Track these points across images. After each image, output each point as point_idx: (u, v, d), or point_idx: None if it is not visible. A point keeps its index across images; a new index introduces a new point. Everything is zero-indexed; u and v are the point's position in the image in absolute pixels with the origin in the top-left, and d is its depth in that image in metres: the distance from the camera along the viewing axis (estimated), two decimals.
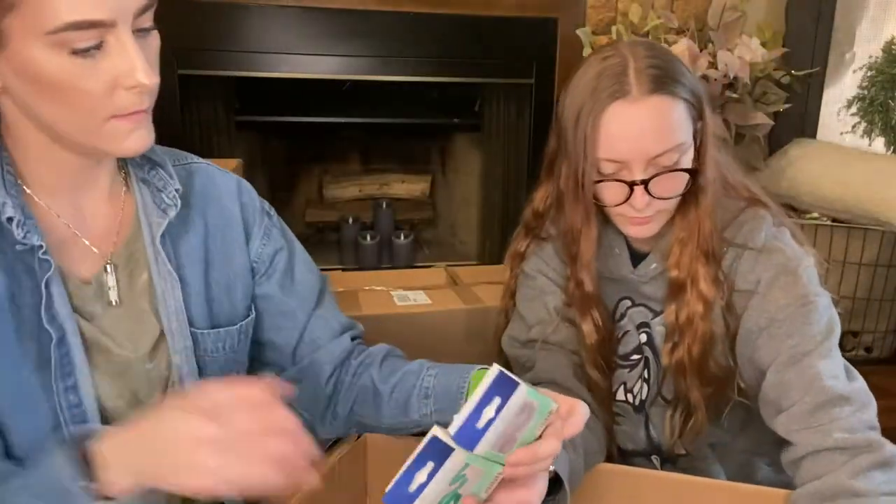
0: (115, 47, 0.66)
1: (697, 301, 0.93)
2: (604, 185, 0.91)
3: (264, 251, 0.90)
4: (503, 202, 2.60)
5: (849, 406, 0.85)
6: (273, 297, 0.91)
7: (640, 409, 1.04)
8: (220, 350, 0.86)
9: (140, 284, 0.80)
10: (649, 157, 0.87)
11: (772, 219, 0.96)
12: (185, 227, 0.83)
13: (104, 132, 0.69)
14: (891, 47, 2.43)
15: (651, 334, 1.01)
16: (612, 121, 0.87)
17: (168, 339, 0.80)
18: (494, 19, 2.28)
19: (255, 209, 0.91)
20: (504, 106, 2.53)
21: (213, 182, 0.88)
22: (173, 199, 0.81)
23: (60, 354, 0.72)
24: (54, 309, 0.72)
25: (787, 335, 0.89)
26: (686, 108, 0.89)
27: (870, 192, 2.17)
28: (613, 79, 0.87)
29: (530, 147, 2.47)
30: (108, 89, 0.67)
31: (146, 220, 0.80)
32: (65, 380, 0.72)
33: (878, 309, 2.38)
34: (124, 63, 0.66)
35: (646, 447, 1.06)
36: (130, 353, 0.78)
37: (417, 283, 1.90)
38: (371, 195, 2.93)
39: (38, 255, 0.70)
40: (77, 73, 0.65)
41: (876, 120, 2.45)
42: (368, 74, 2.27)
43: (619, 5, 2.36)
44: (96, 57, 0.65)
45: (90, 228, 0.78)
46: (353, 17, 2.19)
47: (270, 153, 2.83)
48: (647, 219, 0.92)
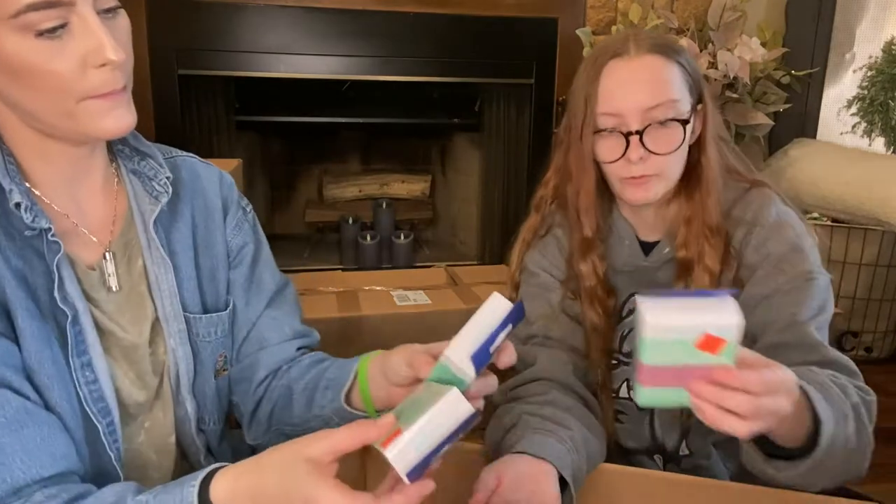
0: (80, 27, 0.67)
1: (703, 274, 0.96)
2: (602, 140, 0.95)
3: (233, 241, 0.93)
4: (503, 202, 2.60)
5: (845, 371, 0.88)
6: (235, 287, 0.93)
7: (643, 408, 1.04)
8: (213, 335, 0.88)
9: (137, 270, 0.82)
10: (644, 108, 0.91)
11: (778, 198, 1.00)
12: (175, 216, 0.86)
13: (81, 113, 0.69)
14: (891, 47, 2.43)
15: None
16: (610, 75, 0.93)
17: (163, 323, 0.83)
18: (494, 19, 2.28)
19: (232, 201, 0.93)
20: (504, 106, 2.53)
21: (197, 174, 0.90)
22: (164, 185, 0.83)
23: (75, 332, 0.74)
24: (66, 289, 0.74)
25: (788, 304, 0.92)
26: (682, 73, 0.94)
27: (870, 192, 2.17)
28: (614, 45, 0.95)
29: (530, 147, 2.47)
30: (78, 69, 0.67)
31: (138, 208, 0.83)
32: (80, 356, 0.74)
33: (878, 309, 2.38)
34: (91, 41, 0.67)
35: (649, 445, 1.06)
36: (136, 338, 0.81)
37: (417, 283, 1.91)
38: (371, 195, 2.93)
39: (48, 238, 0.72)
40: (45, 55, 0.66)
41: (876, 120, 2.46)
42: (368, 74, 2.27)
43: (619, 5, 2.36)
44: (63, 38, 0.66)
45: (89, 219, 0.80)
46: (353, 17, 2.19)
47: (270, 153, 2.83)
48: (645, 179, 0.93)
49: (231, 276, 0.92)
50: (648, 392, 0.68)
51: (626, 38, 0.94)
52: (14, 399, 0.68)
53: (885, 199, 2.14)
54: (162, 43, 2.05)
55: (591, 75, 0.94)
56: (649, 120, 0.91)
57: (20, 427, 0.67)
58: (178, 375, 0.84)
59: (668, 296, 0.69)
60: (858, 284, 2.31)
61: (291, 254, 2.72)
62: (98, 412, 0.75)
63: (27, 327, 0.71)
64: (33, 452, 0.67)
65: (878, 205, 2.16)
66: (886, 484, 1.59)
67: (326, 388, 0.87)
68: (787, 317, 0.91)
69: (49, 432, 0.70)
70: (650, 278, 1.02)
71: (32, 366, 0.71)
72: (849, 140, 2.54)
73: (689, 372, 0.66)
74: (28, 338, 0.71)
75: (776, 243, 0.95)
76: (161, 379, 0.84)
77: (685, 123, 0.93)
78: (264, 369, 0.93)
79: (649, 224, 1.02)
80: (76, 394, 0.74)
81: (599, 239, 1.01)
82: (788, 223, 0.96)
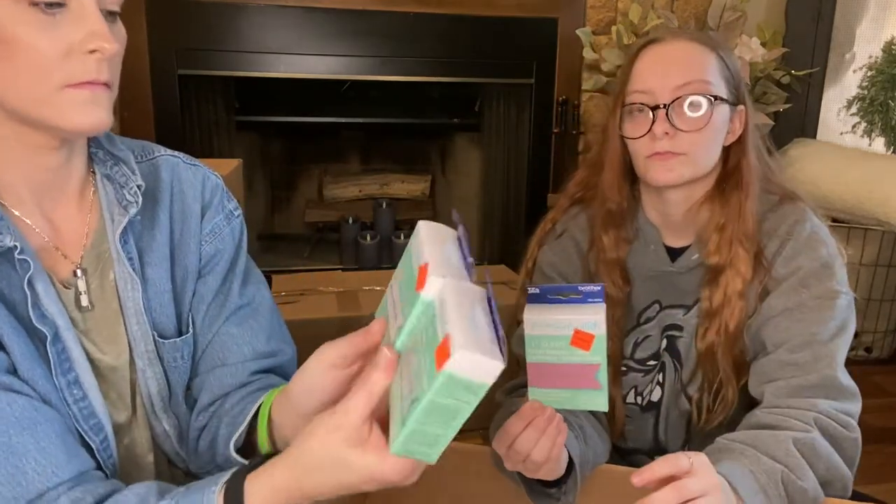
0: (77, 11, 0.64)
1: (735, 278, 0.95)
2: (630, 118, 0.95)
3: (206, 248, 0.84)
4: (503, 202, 2.60)
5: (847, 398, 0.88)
6: (199, 300, 0.84)
7: (648, 408, 1.04)
8: (178, 360, 0.81)
9: (110, 286, 0.77)
10: (674, 84, 0.91)
11: (812, 213, 0.99)
12: (152, 224, 0.80)
13: (56, 102, 0.65)
14: (891, 47, 2.43)
15: (673, 339, 1.01)
16: (644, 58, 0.95)
17: (131, 342, 0.77)
18: (494, 19, 2.28)
19: (214, 206, 0.85)
20: (504, 106, 2.53)
21: (179, 176, 0.84)
22: (134, 195, 0.77)
23: (57, 350, 0.70)
24: (43, 306, 0.69)
25: (809, 321, 0.91)
26: (719, 65, 0.95)
27: (870, 192, 2.17)
28: (653, 34, 0.98)
29: (530, 147, 2.47)
30: (63, 52, 0.64)
31: (109, 217, 0.77)
32: (66, 375, 0.71)
33: (878, 309, 2.38)
34: (85, 26, 0.64)
35: (651, 447, 1.06)
36: (113, 360, 0.76)
37: None
38: (371, 195, 2.93)
39: (16, 256, 0.68)
40: (33, 27, 0.62)
41: (876, 120, 2.46)
42: (368, 74, 2.27)
43: (619, 5, 2.36)
44: (56, 17, 0.63)
45: (61, 235, 0.75)
46: (353, 17, 2.19)
47: (270, 153, 2.83)
48: (668, 156, 0.92)
49: (198, 288, 0.83)
50: (540, 393, 0.75)
51: (667, 29, 0.98)
52: (19, 398, 0.65)
53: (885, 199, 2.14)
54: (162, 43, 2.05)
55: (628, 60, 0.96)
56: (678, 94, 0.91)
57: (33, 424, 0.64)
58: (149, 396, 0.78)
59: (551, 300, 0.74)
60: (858, 284, 2.31)
61: (291, 254, 2.72)
62: (90, 429, 0.72)
63: (14, 344, 0.67)
64: (49, 452, 0.64)
65: (878, 205, 2.16)
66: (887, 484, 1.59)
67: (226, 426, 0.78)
68: (806, 335, 0.90)
69: (62, 429, 0.67)
70: (675, 284, 1.01)
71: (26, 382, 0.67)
72: (849, 140, 2.54)
73: (569, 370, 0.73)
74: (17, 354, 0.67)
75: (807, 258, 0.94)
76: (134, 398, 0.78)
77: (714, 99, 0.92)
78: (208, 394, 0.82)
79: (677, 229, 1.01)
80: (67, 413, 0.70)
81: (622, 220, 1.01)
82: (822, 240, 0.95)
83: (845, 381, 0.89)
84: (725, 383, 0.98)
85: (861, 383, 0.94)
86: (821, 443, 0.83)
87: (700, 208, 0.98)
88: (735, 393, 0.98)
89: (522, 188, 2.51)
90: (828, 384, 0.88)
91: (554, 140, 2.44)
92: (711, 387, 1.00)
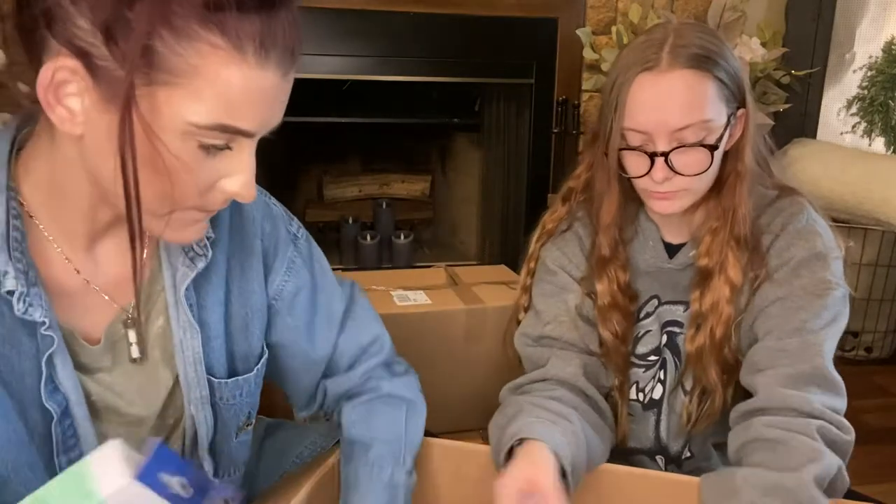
0: (237, 153, 0.63)
1: (724, 285, 0.94)
2: (628, 155, 0.92)
3: (286, 287, 0.83)
4: (503, 202, 2.60)
5: (833, 391, 0.87)
6: (293, 338, 0.85)
7: (649, 406, 1.04)
8: (237, 397, 0.80)
9: (154, 331, 0.73)
10: (672, 129, 0.87)
11: (811, 206, 0.98)
12: (209, 268, 0.75)
13: (173, 219, 0.64)
14: (891, 47, 2.43)
15: (673, 335, 1.01)
16: (638, 90, 0.87)
17: (183, 389, 0.75)
18: (494, 19, 2.28)
19: (278, 237, 0.83)
20: (504, 106, 2.53)
21: (238, 208, 0.80)
22: (204, 248, 0.74)
23: (63, 429, 0.66)
24: (57, 380, 0.66)
25: (799, 308, 0.91)
26: (718, 88, 0.88)
27: (870, 192, 2.17)
28: (648, 51, 0.88)
29: (530, 147, 2.47)
30: (209, 186, 0.63)
31: (168, 262, 0.73)
32: (68, 453, 0.67)
33: (878, 309, 2.38)
34: (237, 169, 0.64)
35: (652, 446, 1.06)
36: (142, 411, 0.73)
37: (417, 283, 1.90)
38: (371, 195, 2.93)
39: (41, 332, 0.64)
40: (195, 163, 0.61)
41: (876, 120, 2.46)
42: (368, 74, 2.27)
43: (619, 5, 2.36)
44: (216, 156, 0.62)
45: (104, 275, 0.71)
46: (353, 17, 2.19)
47: (270, 153, 2.82)
48: (670, 194, 0.91)
49: (283, 326, 0.84)
50: None
51: (661, 45, 0.87)
52: None
53: (885, 199, 2.14)
54: None
55: (621, 85, 0.88)
56: (677, 141, 0.87)
57: None
58: (195, 437, 0.77)
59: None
60: (858, 284, 2.31)
61: None
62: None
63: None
64: None
65: (878, 205, 2.15)
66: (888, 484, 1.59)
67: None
68: (796, 322, 0.90)
69: None
70: (673, 280, 1.01)
71: (4, 475, 0.63)
72: (849, 140, 2.53)
73: None
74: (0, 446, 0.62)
75: (800, 248, 0.93)
76: (167, 441, 0.76)
77: (713, 149, 0.89)
78: (333, 395, 0.91)
79: (675, 226, 1.01)
80: None
81: (618, 253, 1.00)
82: (817, 231, 0.94)
83: (834, 374, 0.89)
84: (712, 391, 0.98)
85: (861, 383, 0.94)
86: (832, 465, 0.81)
87: (696, 210, 0.98)
88: (721, 400, 0.98)
89: (522, 188, 2.51)
90: (818, 374, 0.87)
91: (554, 140, 2.44)
92: (700, 392, 1.00)
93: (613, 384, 1.03)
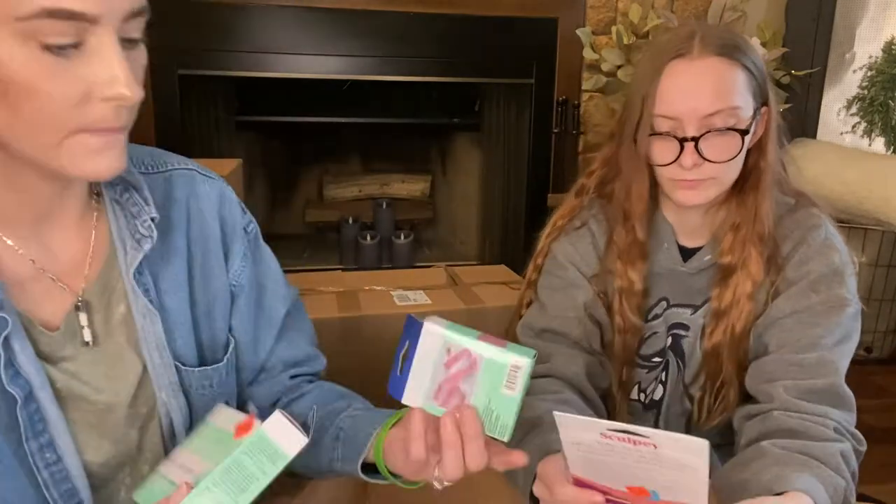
0: (96, 50, 0.57)
1: (746, 280, 0.94)
2: (657, 142, 0.91)
3: (243, 273, 0.82)
4: (503, 202, 2.60)
5: (845, 407, 0.88)
6: (244, 325, 0.83)
7: (649, 407, 1.04)
8: (206, 388, 0.78)
9: (116, 317, 0.71)
10: (702, 114, 0.88)
11: (828, 220, 0.99)
12: (167, 250, 0.74)
13: (67, 148, 0.59)
14: (891, 47, 2.43)
15: (678, 337, 1.01)
16: (670, 76, 0.89)
17: (151, 374, 0.72)
18: (494, 19, 2.28)
19: (235, 223, 0.81)
20: (504, 106, 2.53)
21: (195, 192, 0.78)
22: (148, 229, 0.71)
23: (29, 413, 0.64)
24: (17, 364, 0.63)
25: (816, 325, 0.91)
26: (747, 78, 0.90)
27: (870, 192, 2.17)
28: (678, 41, 0.90)
29: (530, 146, 2.47)
30: (80, 98, 0.57)
31: (122, 246, 0.71)
32: (38, 438, 0.65)
33: (878, 309, 2.38)
34: (105, 70, 0.57)
35: None
36: (111, 398, 0.70)
37: (417, 283, 1.90)
38: (371, 195, 2.93)
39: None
40: (46, 72, 0.55)
41: (876, 120, 2.46)
42: (368, 74, 2.27)
43: (619, 5, 2.36)
44: (72, 58, 0.56)
45: (58, 262, 0.69)
46: (353, 17, 2.19)
47: (270, 153, 2.83)
48: (696, 183, 0.91)
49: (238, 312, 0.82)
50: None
51: (692, 35, 0.89)
52: None
53: (885, 199, 2.14)
54: (162, 43, 2.04)
55: (652, 73, 0.90)
56: (707, 127, 0.88)
57: None
58: (171, 426, 0.75)
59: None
60: (858, 284, 2.31)
61: (291, 254, 2.71)
62: (61, 496, 0.66)
63: None
64: None
65: (878, 205, 2.15)
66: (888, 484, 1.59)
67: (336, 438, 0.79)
68: (812, 337, 0.90)
69: None
70: (685, 284, 1.01)
71: None
72: (849, 140, 2.53)
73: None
74: None
75: (818, 263, 0.94)
76: (144, 432, 0.74)
77: (744, 133, 0.89)
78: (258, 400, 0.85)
79: (693, 229, 1.00)
80: (36, 481, 0.65)
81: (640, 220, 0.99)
82: (835, 247, 0.95)
83: (847, 392, 0.89)
84: (728, 384, 0.98)
85: (861, 383, 0.94)
86: (851, 454, 0.83)
87: (718, 209, 0.98)
88: (736, 394, 0.98)
89: (522, 188, 2.51)
90: (834, 393, 0.88)
91: (554, 140, 2.44)
92: (714, 387, 1.00)
93: (611, 384, 1.03)
